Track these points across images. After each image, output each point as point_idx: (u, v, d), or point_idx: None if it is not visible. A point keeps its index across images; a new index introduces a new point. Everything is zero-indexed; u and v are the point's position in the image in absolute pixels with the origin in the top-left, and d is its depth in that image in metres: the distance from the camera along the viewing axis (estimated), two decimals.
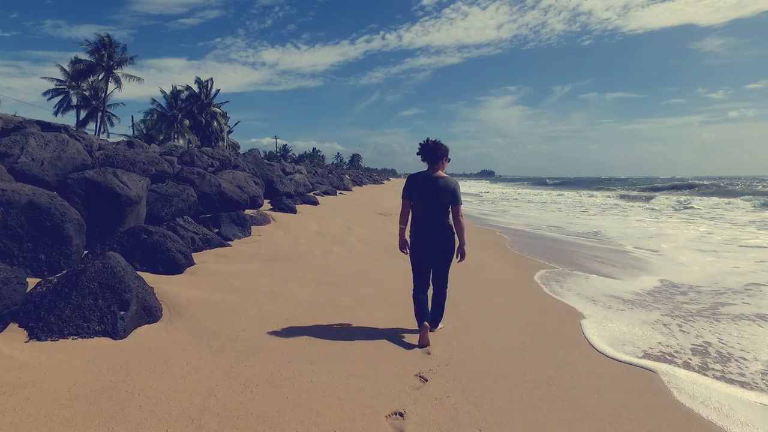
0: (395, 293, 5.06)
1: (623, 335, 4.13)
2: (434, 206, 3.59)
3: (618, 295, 5.65)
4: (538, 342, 3.81)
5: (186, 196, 7.45)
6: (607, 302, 5.28)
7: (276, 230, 8.69)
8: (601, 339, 3.98)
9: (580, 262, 7.81)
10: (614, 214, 19.47)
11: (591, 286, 6.08)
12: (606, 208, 22.82)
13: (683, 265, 7.90)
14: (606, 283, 6.34)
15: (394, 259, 6.89)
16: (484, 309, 4.71)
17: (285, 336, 3.54)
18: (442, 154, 3.66)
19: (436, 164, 3.65)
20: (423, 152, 3.68)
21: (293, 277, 5.49)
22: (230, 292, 4.61)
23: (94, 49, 36.71)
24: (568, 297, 5.41)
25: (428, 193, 3.58)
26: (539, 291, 5.68)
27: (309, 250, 7.27)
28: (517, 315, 4.57)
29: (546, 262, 7.58)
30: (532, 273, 6.69)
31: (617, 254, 8.90)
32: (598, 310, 4.95)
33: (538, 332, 4.07)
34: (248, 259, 6.23)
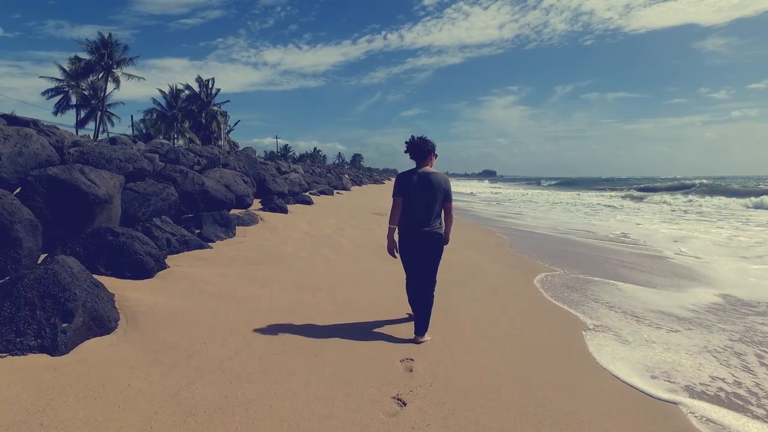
0: (381, 300, 4.70)
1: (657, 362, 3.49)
2: (428, 203, 3.54)
3: (661, 309, 4.98)
4: (535, 357, 3.45)
5: (166, 195, 7.10)
6: (648, 317, 4.64)
7: (263, 231, 8.34)
8: (618, 360, 3.56)
9: (610, 268, 7.23)
10: (628, 215, 18.59)
11: (623, 297, 5.43)
12: (617, 209, 22.32)
13: (739, 274, 7.03)
14: (643, 294, 5.62)
15: (385, 261, 6.53)
16: (476, 317, 4.35)
17: (250, 350, 3.18)
18: (430, 150, 3.64)
19: (424, 161, 3.63)
20: (410, 150, 3.65)
21: (273, 281, 5.13)
22: (200, 298, 4.26)
23: (93, 48, 36.52)
24: (587, 308, 5.03)
25: (421, 189, 3.53)
26: (540, 298, 5.31)
27: (295, 252, 6.91)
28: (513, 325, 4.21)
29: (563, 268, 7.20)
30: (532, 277, 6.32)
31: (653, 260, 8.11)
32: (625, 324, 4.37)
33: (537, 345, 3.71)
34: (227, 262, 5.87)
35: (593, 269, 7.01)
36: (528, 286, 5.82)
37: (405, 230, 3.63)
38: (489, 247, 9.02)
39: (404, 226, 3.62)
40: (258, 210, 10.65)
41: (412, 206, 3.57)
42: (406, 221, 3.60)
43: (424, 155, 3.62)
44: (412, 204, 3.57)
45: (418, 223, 3.56)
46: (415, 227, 3.57)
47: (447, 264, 6.90)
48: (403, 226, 3.63)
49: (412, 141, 3.66)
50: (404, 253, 3.69)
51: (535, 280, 6.16)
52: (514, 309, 4.72)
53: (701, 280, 6.56)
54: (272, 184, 13.66)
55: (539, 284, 5.92)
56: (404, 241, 3.65)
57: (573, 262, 7.53)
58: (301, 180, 19.90)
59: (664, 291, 5.86)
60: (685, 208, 21.72)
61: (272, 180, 13.88)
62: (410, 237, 3.60)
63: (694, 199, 28.18)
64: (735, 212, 18.98)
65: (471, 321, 4.22)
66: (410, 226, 3.59)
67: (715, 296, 5.67)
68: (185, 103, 44.53)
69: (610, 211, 20.51)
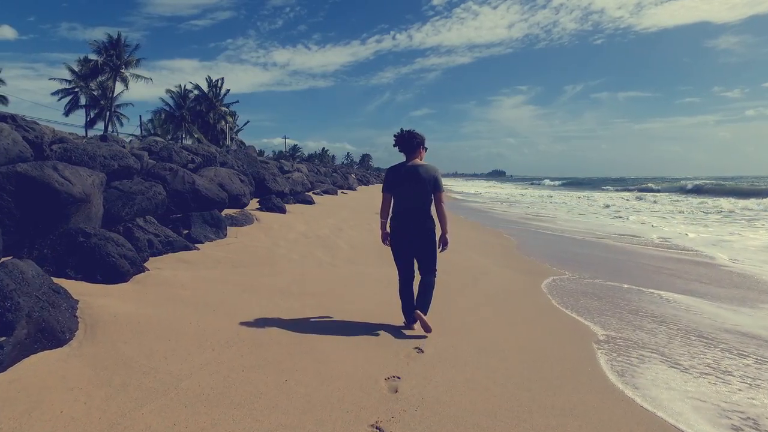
0: (372, 306, 4.35)
1: (737, 402, 2.74)
2: (417, 195, 3.55)
3: (740, 329, 4.22)
4: (539, 375, 3.07)
5: (152, 194, 6.81)
6: (720, 338, 3.94)
7: (256, 231, 8.03)
8: (664, 389, 3.18)
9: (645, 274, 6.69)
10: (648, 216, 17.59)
11: (673, 309, 4.78)
12: (635, 210, 21.69)
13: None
14: (705, 307, 4.91)
15: (382, 264, 6.19)
16: (475, 327, 3.97)
17: (215, 366, 2.84)
18: (419, 143, 3.66)
19: (413, 154, 3.65)
20: (399, 143, 3.67)
21: (257, 286, 4.80)
22: (174, 305, 3.94)
23: (102, 48, 36.75)
24: (610, 319, 4.63)
25: (410, 182, 3.55)
26: (550, 306, 4.92)
27: (286, 253, 6.58)
28: (516, 337, 3.82)
29: (579, 272, 6.79)
30: (540, 282, 5.92)
31: (703, 267, 7.29)
32: (680, 346, 3.69)
33: (542, 361, 3.33)
34: (212, 265, 5.56)
35: (621, 275, 6.57)
36: (536, 291, 5.43)
37: (397, 224, 3.64)
38: (494, 248, 8.63)
39: (396, 220, 3.64)
40: (255, 210, 10.35)
41: (402, 199, 3.60)
42: (398, 214, 3.63)
43: (413, 148, 3.63)
44: (402, 197, 3.60)
45: (410, 215, 3.58)
46: (406, 220, 3.60)
47: (447, 267, 6.54)
48: (395, 220, 3.65)
49: (400, 134, 3.67)
50: (396, 247, 3.69)
51: (543, 285, 5.76)
52: (518, 318, 4.34)
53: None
54: (272, 183, 13.37)
55: (547, 289, 5.52)
56: (396, 234, 3.65)
57: (593, 266, 7.11)
58: (304, 179, 19.62)
59: (737, 306, 5.03)
60: (703, 209, 20.82)
61: (272, 179, 13.58)
62: (402, 230, 3.62)
63: (706, 201, 27.34)
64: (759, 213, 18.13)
65: (468, 332, 3.84)
66: (402, 219, 3.61)
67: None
68: (193, 103, 44.75)
69: (626, 212, 19.94)
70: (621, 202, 27.09)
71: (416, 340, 3.59)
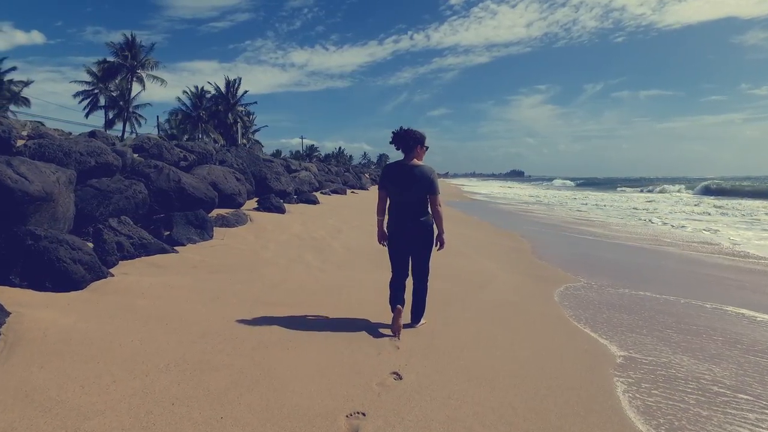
0: (356, 318, 3.83)
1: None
2: (411, 196, 3.50)
3: None
4: (537, 413, 2.51)
5: (132, 193, 6.44)
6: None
7: (246, 233, 7.59)
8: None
9: (719, 289, 6.07)
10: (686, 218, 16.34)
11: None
12: (664, 213, 20.67)
13: None
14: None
15: (375, 269, 5.68)
16: (469, 347, 3.42)
17: (139, 399, 2.36)
18: (416, 142, 3.56)
19: (411, 153, 3.57)
20: (395, 141, 3.59)
21: (229, 294, 4.33)
22: (121, 318, 3.49)
23: (118, 49, 37.39)
24: (652, 347, 4.03)
25: (404, 182, 3.50)
26: (560, 319, 4.33)
27: (272, 257, 6.11)
28: (516, 358, 3.26)
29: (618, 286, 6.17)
30: (553, 290, 5.32)
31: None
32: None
33: (545, 393, 2.76)
34: (186, 270, 5.11)
35: (669, 285, 5.92)
36: (546, 302, 4.83)
37: (392, 224, 3.61)
38: (505, 252, 8.02)
39: (391, 221, 3.61)
40: (251, 210, 9.95)
41: (397, 200, 3.57)
42: (393, 215, 3.60)
43: (411, 147, 3.56)
44: (396, 197, 3.56)
45: (404, 216, 3.53)
46: (401, 221, 3.55)
47: (450, 272, 5.99)
48: (390, 221, 3.61)
49: (397, 132, 3.58)
50: (392, 246, 3.65)
51: (556, 294, 5.16)
52: (521, 335, 3.77)
53: None
54: (274, 182, 12.97)
55: (559, 299, 4.92)
56: (391, 234, 3.63)
57: (628, 274, 6.46)
58: (311, 179, 19.24)
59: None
60: (742, 211, 19.39)
61: (274, 178, 13.19)
62: (397, 231, 3.59)
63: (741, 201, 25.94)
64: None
65: (460, 353, 3.29)
66: (396, 220, 3.57)
67: None
68: (210, 103, 45.21)
69: (674, 215, 19.00)
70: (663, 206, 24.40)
71: (396, 361, 3.07)
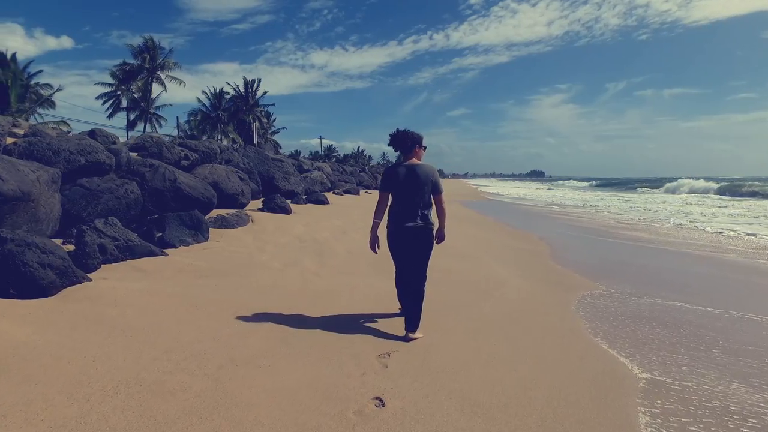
0: (345, 330, 3.47)
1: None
2: (414, 196, 3.47)
3: None
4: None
5: (123, 193, 6.22)
6: None
7: (245, 235, 7.31)
8: None
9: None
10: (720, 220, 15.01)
11: None
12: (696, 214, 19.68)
13: None
14: None
15: (379, 274, 5.34)
16: (467, 367, 3.02)
17: (69, 429, 2.04)
18: (414, 142, 3.58)
19: (409, 153, 3.59)
20: (393, 143, 3.62)
21: (209, 302, 4.02)
22: (84, 329, 3.20)
23: (138, 52, 38.15)
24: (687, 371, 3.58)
25: (407, 182, 3.48)
26: (576, 333, 3.89)
27: (268, 260, 5.80)
28: (519, 381, 2.85)
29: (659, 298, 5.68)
30: (569, 298, 4.87)
31: None
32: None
33: (550, 426, 2.35)
34: (171, 275, 4.84)
35: (710, 296, 5.42)
36: (561, 312, 4.39)
37: (393, 225, 3.57)
38: (519, 256, 7.57)
39: (393, 221, 3.57)
40: (255, 210, 9.69)
41: (399, 200, 3.53)
42: (395, 215, 3.55)
43: (409, 148, 3.57)
44: (399, 198, 3.53)
45: (406, 217, 3.49)
46: (402, 221, 3.50)
47: (456, 277, 5.59)
48: (392, 221, 3.58)
49: (395, 134, 3.61)
50: (393, 247, 3.62)
51: (574, 303, 4.71)
52: (528, 352, 3.35)
53: None
54: (282, 182, 12.73)
55: (577, 309, 4.47)
56: (393, 235, 3.58)
57: (659, 283, 5.96)
58: (323, 179, 19.00)
59: None
60: None
61: (282, 178, 12.95)
62: (398, 231, 3.53)
63: None
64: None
65: (455, 374, 2.90)
66: (398, 220, 3.52)
67: None
68: (229, 104, 45.83)
69: (688, 215, 18.16)
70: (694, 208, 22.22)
71: (382, 383, 2.70)
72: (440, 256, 6.89)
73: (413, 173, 3.48)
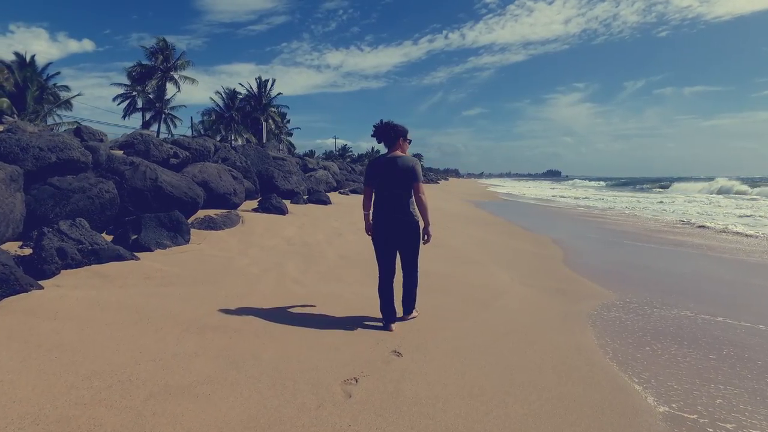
0: (308, 355, 3.01)
1: None
2: (395, 187, 3.49)
3: None
4: None
5: (97, 192, 5.88)
6: None
7: (230, 236, 6.92)
8: None
9: None
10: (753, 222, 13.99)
11: None
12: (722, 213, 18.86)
13: None
14: None
15: (368, 278, 4.96)
16: (447, 400, 2.55)
17: None
18: (398, 134, 3.59)
19: (393, 145, 3.60)
20: (376, 135, 3.62)
21: (164, 314, 3.61)
22: (6, 348, 2.82)
23: (152, 53, 38.63)
24: None
25: (388, 173, 3.50)
26: (585, 354, 3.39)
27: (246, 266, 5.39)
28: (508, 423, 2.36)
29: None
30: (579, 309, 4.35)
31: None
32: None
33: None
34: (135, 282, 4.46)
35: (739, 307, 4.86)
36: (569, 327, 3.88)
37: (375, 217, 3.61)
38: (528, 260, 7.04)
39: (376, 213, 3.60)
40: (250, 210, 9.33)
41: (381, 193, 3.55)
42: (377, 208, 3.59)
43: (392, 140, 3.58)
44: (381, 190, 3.55)
45: (388, 209, 3.52)
46: (384, 214, 3.54)
47: (452, 285, 5.10)
48: (375, 213, 3.61)
49: (378, 126, 3.61)
50: (376, 240, 3.64)
51: (586, 315, 4.19)
52: (523, 378, 2.86)
53: None
54: (281, 181, 12.37)
55: (589, 323, 3.95)
56: (377, 228, 3.61)
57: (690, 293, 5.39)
58: (328, 178, 18.63)
59: None
60: None
61: (282, 177, 12.58)
62: (382, 224, 3.57)
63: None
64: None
65: (431, 408, 2.43)
66: (380, 212, 3.57)
67: None
68: (243, 104, 46.39)
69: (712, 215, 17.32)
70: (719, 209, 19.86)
71: (339, 419, 2.25)
72: (439, 259, 6.46)
73: (393, 165, 3.49)
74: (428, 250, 4.91)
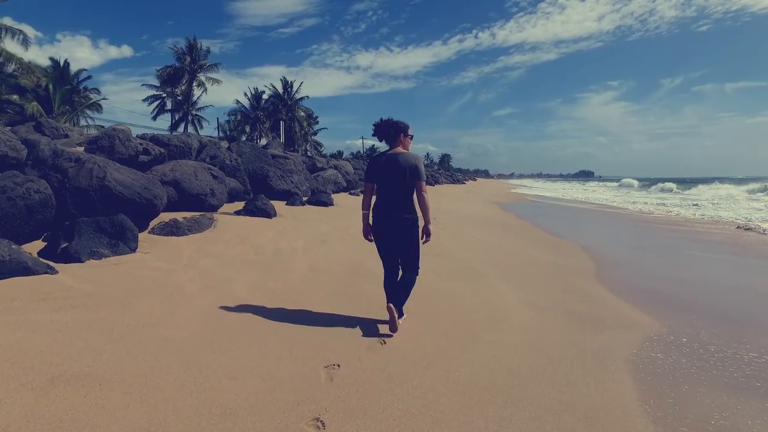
0: (198, 425, 2.03)
1: None
2: (397, 184, 3.41)
3: None
4: None
5: (22, 193, 5.08)
6: None
7: (188, 244, 6.02)
8: None
9: None
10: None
11: None
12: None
13: None
14: None
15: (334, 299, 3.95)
16: None
17: None
18: (398, 131, 3.55)
19: (394, 142, 3.57)
20: (376, 132, 3.60)
21: (20, 354, 2.69)
22: None
23: (180, 54, 39.13)
24: None
25: (389, 170, 3.43)
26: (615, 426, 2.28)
27: (186, 281, 4.45)
28: None
29: None
30: (607, 345, 3.21)
31: None
32: None
33: None
34: (24, 305, 3.57)
35: None
36: (590, 376, 2.75)
37: (375, 215, 3.55)
38: (547, 273, 5.86)
39: (374, 211, 3.55)
40: (232, 213, 8.46)
41: (382, 190, 3.50)
42: (376, 205, 3.54)
43: (393, 137, 3.56)
44: (381, 188, 3.50)
45: (388, 206, 3.45)
46: (384, 211, 3.47)
47: (442, 308, 4.02)
48: (374, 211, 3.55)
49: (377, 124, 3.60)
50: (377, 239, 3.57)
51: (612, 354, 3.05)
52: None
53: None
54: (276, 181, 11.50)
55: (615, 365, 2.82)
56: (375, 226, 3.54)
57: None
58: (338, 178, 17.73)
59: None
60: None
61: (278, 177, 11.71)
62: (379, 222, 3.51)
63: None
64: None
65: None
66: (379, 210, 3.50)
67: None
68: (268, 104, 46.92)
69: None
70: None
71: None
72: (431, 273, 5.36)
73: (394, 161, 3.42)
74: (425, 260, 4.00)
